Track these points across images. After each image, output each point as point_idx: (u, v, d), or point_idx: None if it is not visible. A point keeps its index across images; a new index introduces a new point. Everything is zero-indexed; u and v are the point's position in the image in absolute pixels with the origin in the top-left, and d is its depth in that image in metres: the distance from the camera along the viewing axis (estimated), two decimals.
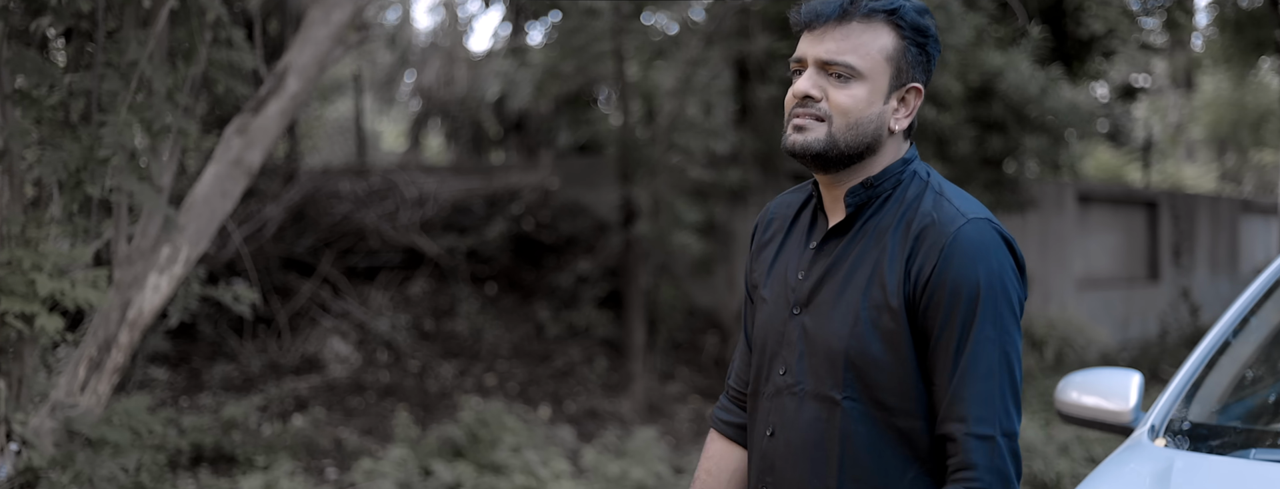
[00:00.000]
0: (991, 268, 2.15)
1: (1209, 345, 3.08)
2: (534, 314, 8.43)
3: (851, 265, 2.23)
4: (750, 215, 8.53)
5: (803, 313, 2.26)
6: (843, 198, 2.25)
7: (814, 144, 2.17)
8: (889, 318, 2.17)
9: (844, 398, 2.20)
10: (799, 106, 2.17)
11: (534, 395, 7.72)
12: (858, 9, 2.15)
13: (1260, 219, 17.61)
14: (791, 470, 2.26)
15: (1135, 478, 2.66)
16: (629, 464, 6.33)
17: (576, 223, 8.93)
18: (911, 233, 2.18)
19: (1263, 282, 3.23)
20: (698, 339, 8.64)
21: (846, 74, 2.15)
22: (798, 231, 2.35)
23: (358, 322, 8.25)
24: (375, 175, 9.60)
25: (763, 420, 2.33)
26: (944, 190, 2.23)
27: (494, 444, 6.39)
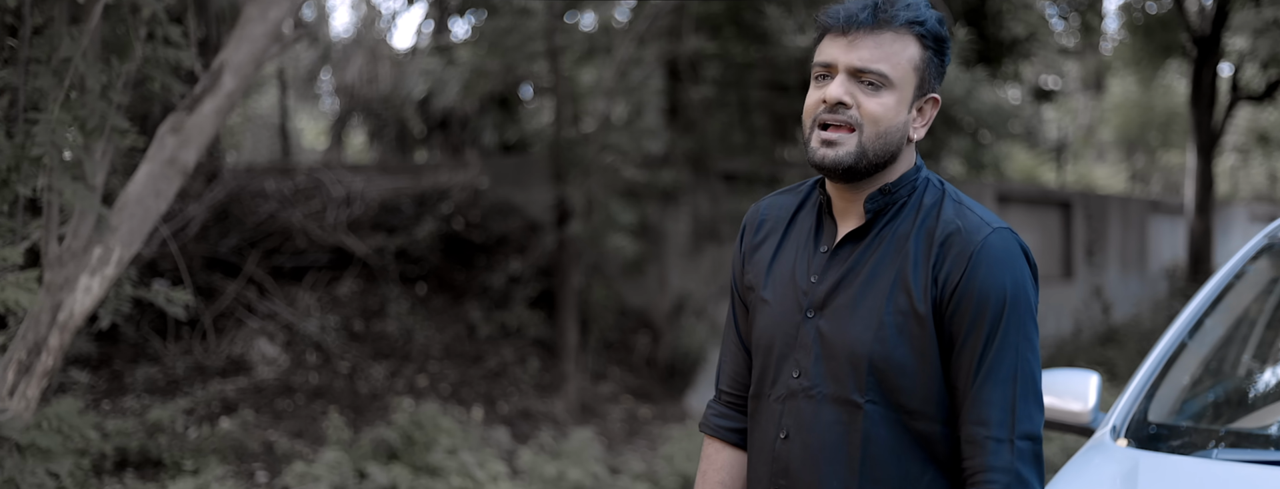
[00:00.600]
0: (1016, 277, 2.20)
1: (1166, 347, 3.14)
2: (465, 314, 8.38)
3: (871, 271, 2.25)
4: (682, 216, 8.56)
5: (817, 316, 2.28)
6: (861, 204, 2.27)
7: (845, 158, 2.19)
8: (916, 323, 2.20)
9: (866, 401, 2.22)
10: (829, 112, 2.19)
11: (466, 396, 7.67)
12: (893, 18, 2.18)
13: (1167, 219, 18.03)
14: (809, 473, 2.27)
15: (1101, 479, 2.71)
16: (566, 465, 6.32)
17: (507, 222, 8.89)
18: (936, 240, 2.22)
19: (1216, 284, 3.31)
20: (629, 339, 8.65)
21: (879, 82, 2.17)
22: (798, 234, 2.37)
23: (285, 322, 8.13)
24: (301, 174, 9.47)
25: (772, 423, 2.33)
26: (962, 199, 2.28)
27: (429, 446, 6.34)
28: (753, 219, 2.45)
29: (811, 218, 2.37)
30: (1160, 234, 17.72)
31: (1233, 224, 20.97)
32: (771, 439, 2.33)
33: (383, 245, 8.58)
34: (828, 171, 2.23)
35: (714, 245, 8.71)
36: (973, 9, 10.40)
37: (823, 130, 2.21)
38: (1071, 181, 20.98)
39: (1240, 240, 21.56)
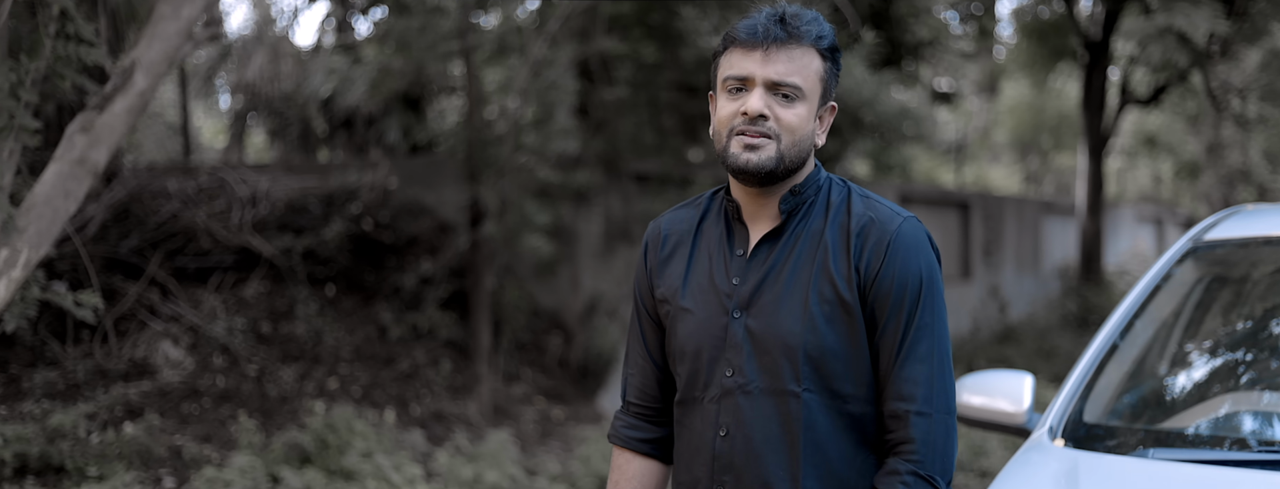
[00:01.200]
0: (928, 262, 2.39)
1: (1099, 348, 3.22)
2: (376, 316, 8.29)
3: (792, 267, 2.40)
4: (594, 216, 8.56)
5: (744, 315, 2.40)
6: (771, 207, 2.42)
7: (766, 162, 2.34)
8: (843, 311, 2.35)
9: (803, 390, 2.35)
10: (749, 124, 2.33)
11: (378, 399, 7.59)
12: (803, 34, 2.34)
13: (1059, 219, 18.49)
14: (753, 465, 2.38)
15: (1041, 479, 2.78)
16: (482, 467, 6.29)
17: (417, 223, 8.81)
18: (852, 231, 2.38)
19: (1144, 286, 3.40)
20: (541, 340, 8.63)
21: (793, 94, 2.34)
22: (708, 243, 2.50)
23: (190, 325, 7.97)
24: (204, 173, 9.29)
25: (708, 423, 2.43)
26: (868, 193, 2.48)
27: (343, 450, 6.26)
28: (655, 236, 2.59)
29: (719, 226, 2.51)
30: (1053, 234, 18.17)
31: (1121, 225, 21.57)
32: (710, 439, 2.43)
33: (290, 246, 8.45)
34: (749, 175, 2.36)
35: (626, 246, 8.73)
36: (878, 13, 10.56)
37: (740, 136, 2.34)
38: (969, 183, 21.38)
39: (1128, 240, 22.19)
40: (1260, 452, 2.69)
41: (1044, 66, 18.69)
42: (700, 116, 8.85)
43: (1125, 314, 3.31)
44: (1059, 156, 25.37)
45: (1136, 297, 3.35)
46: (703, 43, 7.30)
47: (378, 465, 6.07)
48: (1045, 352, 13.27)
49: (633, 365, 2.62)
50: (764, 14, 2.37)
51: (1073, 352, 13.42)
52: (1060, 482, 2.70)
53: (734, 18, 7.52)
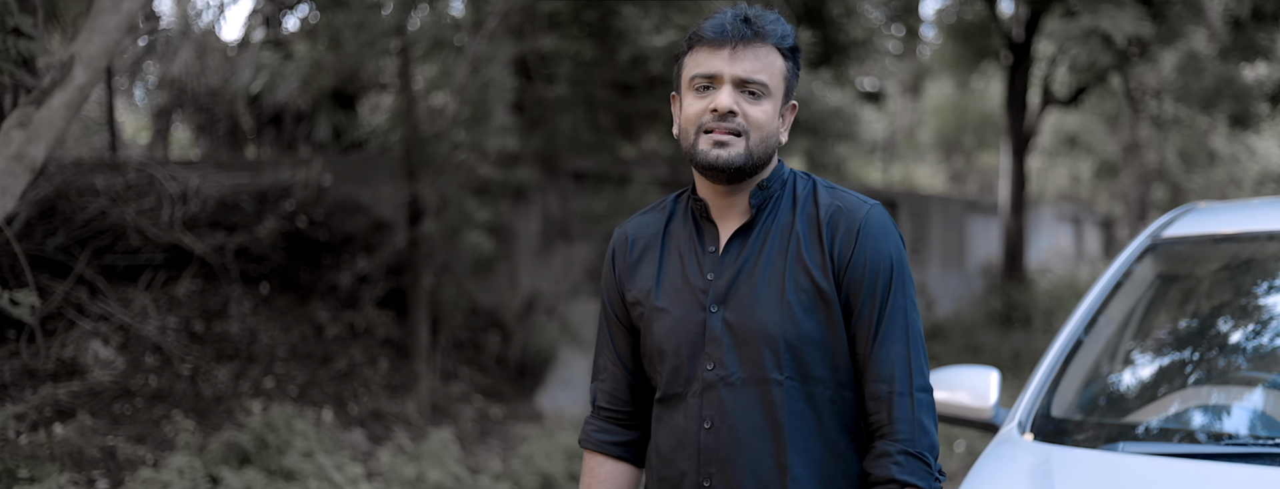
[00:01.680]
0: (897, 246, 2.46)
1: (1064, 343, 3.28)
2: (312, 314, 8.19)
3: (766, 259, 2.45)
4: (532, 214, 8.54)
5: (722, 309, 2.45)
6: (740, 203, 2.48)
7: (736, 158, 2.39)
8: (820, 298, 2.41)
9: (785, 378, 2.41)
10: (719, 121, 2.37)
11: (315, 398, 7.51)
12: (768, 34, 2.41)
13: (983, 218, 18.76)
14: (740, 455, 2.43)
15: (1016, 472, 2.82)
16: (425, 466, 6.25)
17: (352, 221, 8.72)
18: (822, 220, 2.45)
19: (1106, 283, 3.47)
20: (480, 339, 8.59)
21: (760, 92, 2.40)
22: (678, 243, 2.55)
23: (120, 324, 7.82)
24: (132, 170, 9.12)
25: (692, 417, 2.47)
26: (832, 185, 2.55)
27: (283, 449, 6.19)
28: (622, 242, 2.64)
29: (688, 226, 2.56)
30: (977, 233, 18.44)
31: (1041, 223, 21.96)
32: (694, 432, 2.47)
33: (222, 244, 8.33)
34: (718, 172, 2.40)
35: (564, 244, 8.71)
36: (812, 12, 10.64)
37: (708, 134, 2.39)
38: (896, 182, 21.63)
39: (1049, 239, 22.59)
40: (1228, 445, 2.76)
41: (968, 67, 18.96)
42: (637, 114, 8.87)
43: (1089, 310, 3.38)
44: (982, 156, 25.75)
45: (1099, 293, 3.42)
46: (643, 41, 7.31)
47: (319, 465, 6.00)
48: (972, 348, 13.47)
49: (602, 371, 2.66)
50: (728, 14, 2.43)
51: (998, 348, 13.63)
52: (1034, 475, 2.74)
53: (674, 15, 7.54)
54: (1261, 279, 3.41)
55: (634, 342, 2.63)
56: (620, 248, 2.63)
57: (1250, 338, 3.22)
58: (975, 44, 17.96)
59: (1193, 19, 15.15)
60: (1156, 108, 20.43)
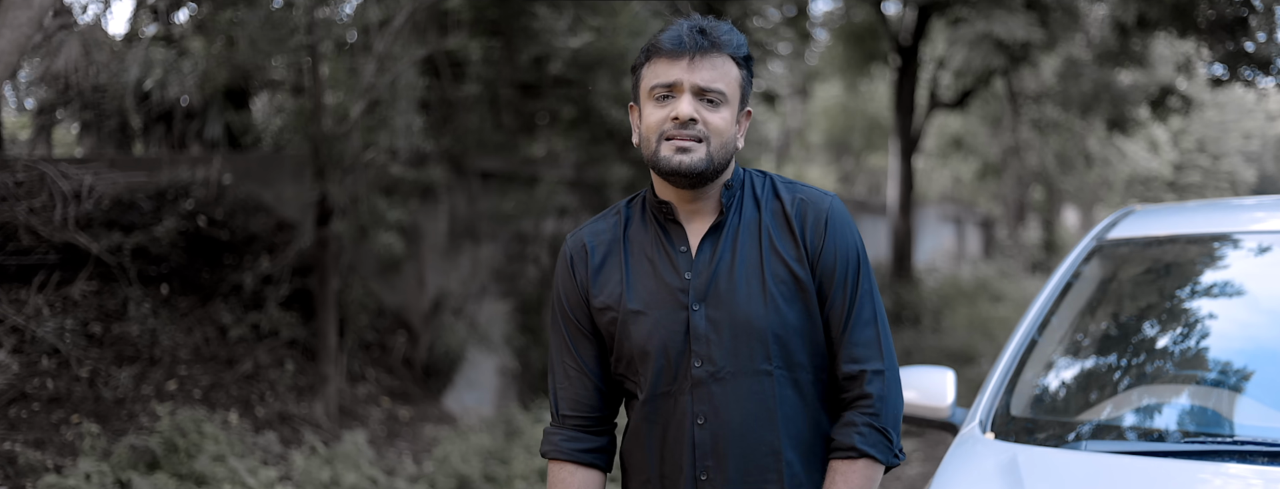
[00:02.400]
0: (857, 233, 2.62)
1: (1019, 343, 3.38)
2: (215, 316, 8.03)
3: (740, 256, 2.56)
4: (439, 214, 8.48)
5: (703, 306, 2.54)
6: (706, 205, 2.59)
7: (698, 164, 2.49)
8: (799, 288, 2.54)
9: (775, 368, 2.52)
10: (680, 128, 2.48)
11: (220, 400, 7.37)
12: (723, 45, 2.52)
13: (872, 218, 19.11)
14: (737, 446, 2.52)
15: (984, 471, 2.90)
16: (340, 469, 6.18)
17: (255, 220, 8.57)
18: (790, 213, 2.58)
19: (1056, 284, 3.57)
20: (386, 340, 8.50)
21: (718, 99, 2.51)
22: (643, 246, 2.63)
23: (13, 325, 7.58)
24: (20, 167, 8.84)
25: (683, 414, 2.54)
26: (787, 179, 2.69)
27: (193, 454, 6.07)
28: (579, 249, 2.69)
29: (650, 229, 2.64)
30: (866, 233, 18.76)
31: (926, 224, 22.43)
32: (686, 429, 2.54)
33: (119, 244, 8.12)
34: (681, 177, 2.51)
35: (472, 244, 8.67)
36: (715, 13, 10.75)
37: (670, 141, 2.50)
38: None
39: (933, 239, 23.08)
40: (1189, 443, 2.87)
41: (857, 70, 19.28)
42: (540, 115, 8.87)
43: (1041, 310, 3.49)
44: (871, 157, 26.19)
45: (1050, 293, 3.54)
46: (557, 42, 7.32)
47: (232, 469, 5.90)
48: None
49: (562, 380, 2.68)
50: (685, 26, 2.54)
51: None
52: (1003, 474, 2.82)
53: (587, 17, 7.55)
54: (1204, 280, 3.56)
55: (599, 347, 2.67)
56: (578, 255, 2.67)
57: (1198, 338, 3.35)
58: (865, 47, 18.28)
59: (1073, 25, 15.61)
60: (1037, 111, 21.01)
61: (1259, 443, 2.76)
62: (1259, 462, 2.70)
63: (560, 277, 2.72)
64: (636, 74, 2.60)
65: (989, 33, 11.25)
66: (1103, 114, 17.52)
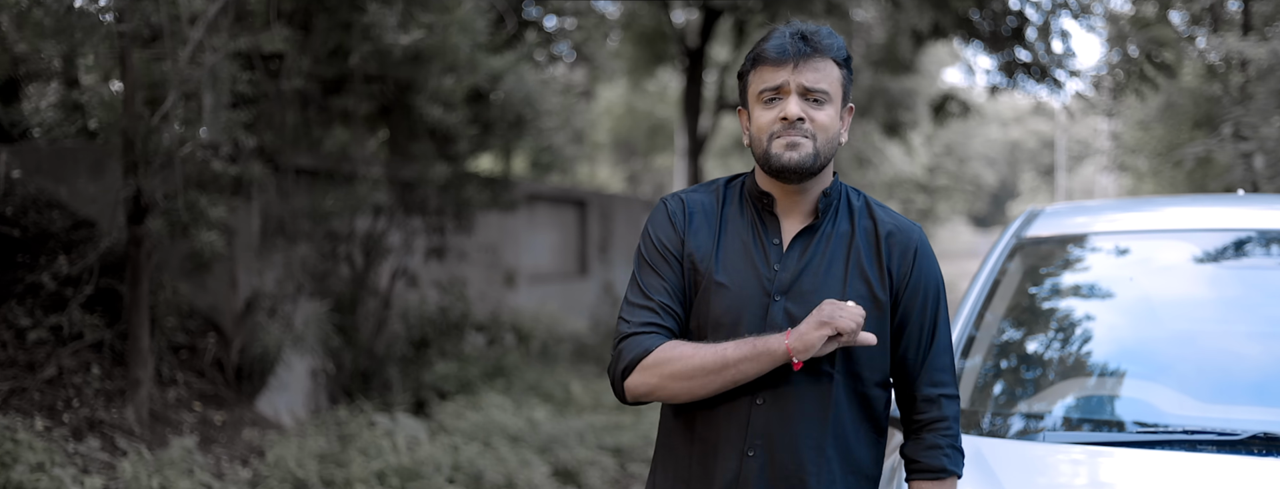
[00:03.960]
0: (938, 266, 2.81)
1: (958, 338, 3.53)
2: (10, 318, 7.56)
3: (827, 261, 2.74)
4: (252, 211, 8.22)
5: (784, 299, 2.70)
6: (805, 204, 2.78)
7: (806, 159, 2.69)
8: (875, 306, 2.72)
9: (836, 372, 2.69)
10: (790, 127, 2.68)
11: (23, 406, 6.94)
12: (824, 48, 2.72)
13: None
14: (785, 434, 2.68)
15: None
16: (170, 476, 5.93)
17: (49, 218, 8.11)
18: (881, 237, 2.78)
19: (985, 281, 3.74)
20: (196, 342, 8.18)
21: (822, 98, 2.71)
22: (736, 227, 2.80)
23: None
24: None
25: (743, 390, 2.68)
26: (880, 203, 2.89)
27: (9, 463, 5.71)
28: (678, 206, 2.85)
29: (747, 214, 2.82)
30: None
31: None
32: (745, 404, 2.69)
33: None
34: (791, 171, 2.70)
35: (285, 242, 8.42)
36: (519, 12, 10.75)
37: (780, 139, 2.69)
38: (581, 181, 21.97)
39: None
40: (1142, 433, 3.06)
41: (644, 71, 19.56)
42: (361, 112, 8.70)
43: (975, 306, 3.66)
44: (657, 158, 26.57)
45: (981, 290, 3.72)
46: (390, 38, 7.17)
47: (57, 479, 5.58)
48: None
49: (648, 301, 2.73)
50: (787, 34, 2.72)
51: None
52: (972, 466, 2.96)
53: (417, 12, 7.43)
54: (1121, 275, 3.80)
55: (684, 283, 2.77)
56: (677, 210, 2.82)
57: (1124, 332, 3.58)
58: (654, 49, 18.56)
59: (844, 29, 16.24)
60: None
61: (1205, 433, 2.98)
62: (1207, 451, 2.93)
63: (657, 222, 2.84)
64: (743, 80, 2.79)
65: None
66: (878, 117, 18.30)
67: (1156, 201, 4.55)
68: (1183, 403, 3.24)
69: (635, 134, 24.66)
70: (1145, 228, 3.99)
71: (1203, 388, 3.31)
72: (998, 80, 13.99)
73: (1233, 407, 3.22)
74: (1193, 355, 3.44)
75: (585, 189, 16.45)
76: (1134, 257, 3.87)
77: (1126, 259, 3.86)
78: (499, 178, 9.26)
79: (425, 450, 6.72)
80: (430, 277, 9.99)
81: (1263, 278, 3.66)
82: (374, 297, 9.13)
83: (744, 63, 2.82)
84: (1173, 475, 2.88)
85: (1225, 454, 2.92)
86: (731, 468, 2.69)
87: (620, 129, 25.00)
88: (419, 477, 6.43)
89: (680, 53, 17.64)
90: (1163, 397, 3.28)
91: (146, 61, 7.49)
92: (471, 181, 8.81)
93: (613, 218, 16.53)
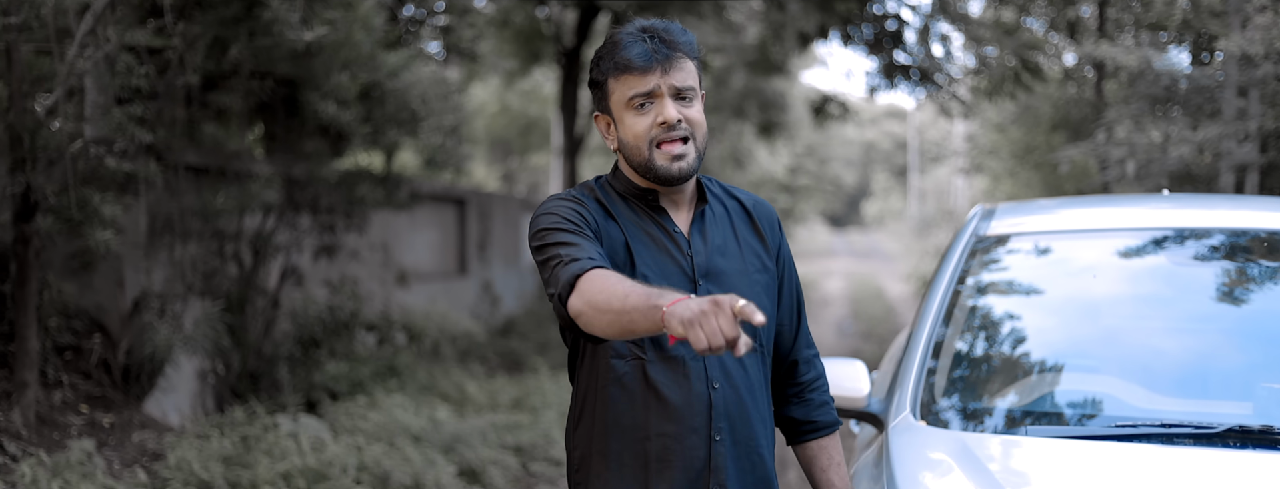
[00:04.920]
0: None
1: (929, 335, 3.62)
2: None
3: (722, 242, 2.83)
4: (139, 209, 8.01)
5: (707, 283, 2.76)
6: (685, 193, 2.83)
7: (693, 164, 2.75)
8: (769, 278, 2.86)
9: (759, 346, 2.83)
10: (671, 131, 2.69)
11: None
12: (682, 46, 2.75)
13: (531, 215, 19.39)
14: (741, 413, 2.78)
15: (938, 459, 3.13)
16: (72, 479, 5.77)
17: None
18: (750, 212, 2.90)
19: (949, 279, 3.84)
20: (82, 343, 7.95)
21: (691, 95, 2.75)
22: (634, 221, 2.79)
23: None
24: None
25: (698, 378, 2.73)
26: (724, 182, 3.01)
27: None
28: (582, 204, 2.77)
29: (635, 210, 2.81)
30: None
31: None
32: (703, 393, 2.73)
33: None
34: (678, 180, 2.74)
35: (174, 241, 8.23)
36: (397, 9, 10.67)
37: (659, 148, 2.70)
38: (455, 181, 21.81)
39: None
40: (1122, 427, 3.18)
41: (521, 70, 19.52)
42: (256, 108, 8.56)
43: (942, 303, 3.76)
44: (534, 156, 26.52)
45: (946, 288, 3.82)
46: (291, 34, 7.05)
47: None
48: (541, 344, 13.92)
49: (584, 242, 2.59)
50: (643, 37, 2.70)
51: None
52: (962, 462, 3.05)
53: (319, 8, 7.33)
54: (1083, 272, 3.95)
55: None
56: (586, 208, 2.73)
57: (1090, 327, 3.72)
58: (530, 47, 18.54)
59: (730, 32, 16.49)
60: None
61: (1185, 427, 3.13)
62: (1183, 443, 3.08)
63: (565, 207, 2.71)
64: (602, 88, 2.77)
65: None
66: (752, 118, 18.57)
67: (1103, 200, 4.82)
68: (1152, 397, 3.38)
69: (510, 132, 24.60)
70: (1104, 226, 4.17)
71: (1172, 382, 3.47)
72: (877, 83, 14.34)
73: (1207, 401, 3.39)
74: (1166, 350, 3.61)
75: (465, 187, 16.35)
76: (1097, 254, 4.03)
77: (1091, 256, 4.02)
78: (391, 175, 9.18)
79: (331, 451, 6.65)
80: (320, 275, 9.86)
81: (1220, 273, 3.83)
82: (262, 296, 8.98)
83: (596, 71, 2.77)
84: (1167, 467, 3.00)
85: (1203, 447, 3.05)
86: (700, 456, 2.69)
87: (494, 127, 24.91)
88: (326, 478, 6.36)
89: (557, 52, 17.65)
90: (1137, 393, 3.42)
91: (33, 55, 7.27)
92: (365, 179, 8.72)
93: (491, 217, 16.48)
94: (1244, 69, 9.48)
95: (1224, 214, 4.32)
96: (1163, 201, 4.62)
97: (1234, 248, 3.95)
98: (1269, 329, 3.67)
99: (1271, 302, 3.76)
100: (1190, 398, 3.41)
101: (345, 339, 9.37)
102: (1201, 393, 3.43)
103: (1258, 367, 3.51)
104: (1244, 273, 3.80)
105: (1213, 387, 3.45)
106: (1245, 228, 4.00)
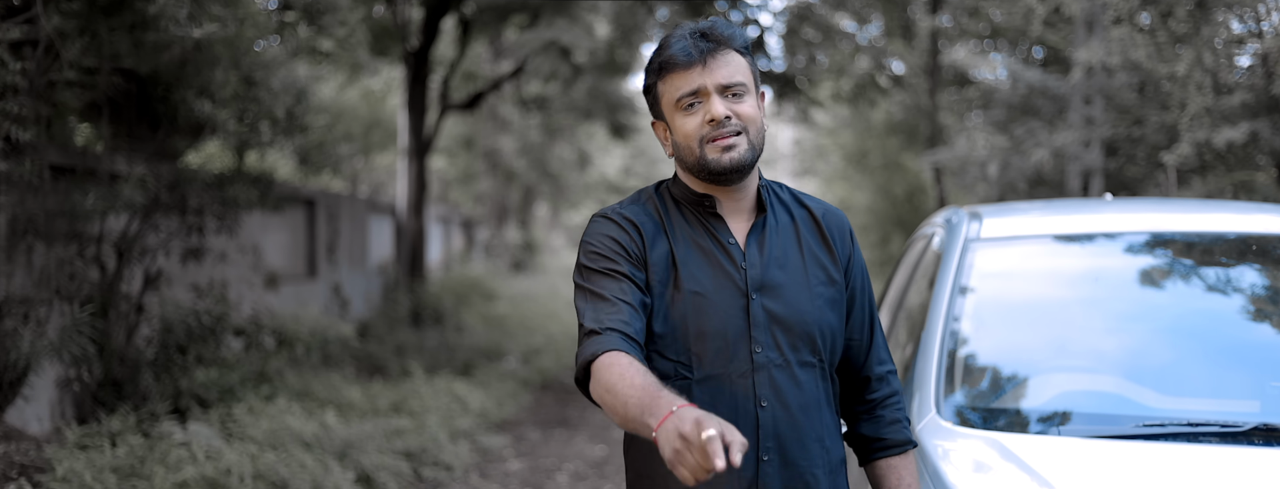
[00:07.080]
0: None
1: (943, 337, 3.65)
2: None
3: (782, 252, 2.73)
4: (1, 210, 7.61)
5: (760, 296, 2.67)
6: (745, 200, 2.75)
7: (745, 156, 2.65)
8: (836, 291, 2.75)
9: (818, 362, 2.71)
10: (719, 128, 2.62)
11: None
12: (727, 40, 2.68)
13: (378, 218, 19.10)
14: (793, 431, 2.67)
15: (988, 459, 3.16)
16: None
17: None
18: (820, 222, 2.80)
19: (952, 283, 3.89)
20: None
21: (741, 91, 2.67)
22: (688, 234, 2.72)
23: None
24: None
25: (745, 396, 2.64)
26: (798, 189, 2.90)
27: None
28: (627, 222, 2.71)
29: (691, 219, 2.74)
30: (375, 232, 18.72)
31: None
32: (751, 411, 2.64)
33: None
34: (731, 173, 2.65)
35: (39, 244, 7.84)
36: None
37: (712, 143, 2.63)
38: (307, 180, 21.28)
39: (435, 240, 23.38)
40: (1150, 426, 3.25)
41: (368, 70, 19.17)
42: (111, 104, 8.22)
43: (948, 307, 3.80)
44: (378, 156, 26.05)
45: (950, 292, 3.86)
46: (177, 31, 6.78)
47: None
48: (398, 347, 13.73)
49: (608, 306, 2.53)
50: (686, 35, 2.66)
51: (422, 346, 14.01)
52: (1006, 462, 3.09)
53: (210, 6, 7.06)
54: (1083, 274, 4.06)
55: (643, 295, 2.62)
56: (629, 226, 2.68)
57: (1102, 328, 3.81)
58: (377, 45, 18.21)
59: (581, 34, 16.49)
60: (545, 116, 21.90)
61: (1212, 425, 3.21)
62: (1210, 442, 3.16)
63: (610, 231, 2.67)
64: (652, 93, 2.73)
65: (556, 41, 11.67)
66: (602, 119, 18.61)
67: (1082, 206, 4.95)
68: (1170, 398, 3.48)
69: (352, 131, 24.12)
70: (1098, 230, 4.28)
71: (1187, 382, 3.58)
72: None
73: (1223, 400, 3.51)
74: (1179, 350, 3.72)
75: (314, 188, 16.00)
76: (1097, 256, 4.15)
77: (1091, 259, 4.14)
78: (263, 176, 8.93)
79: (228, 459, 6.43)
80: (189, 279, 9.53)
81: (1222, 274, 3.95)
82: (126, 301, 8.64)
83: (648, 76, 2.73)
84: (1201, 464, 3.08)
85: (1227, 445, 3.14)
86: (746, 477, 2.62)
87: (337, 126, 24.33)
88: (224, 487, 6.16)
89: (403, 51, 17.39)
90: (1152, 392, 3.50)
91: None
92: (239, 179, 8.46)
93: (339, 218, 16.17)
94: (1090, 78, 9.95)
95: (1221, 217, 4.44)
96: (1151, 206, 4.77)
97: (1234, 249, 4.10)
98: (1272, 329, 3.82)
99: (1272, 302, 3.91)
100: (1206, 397, 3.52)
101: (212, 344, 9.08)
102: (1217, 392, 3.55)
103: (1269, 365, 3.63)
104: (1244, 274, 3.97)
105: (1228, 386, 3.56)
106: (1245, 232, 4.16)
